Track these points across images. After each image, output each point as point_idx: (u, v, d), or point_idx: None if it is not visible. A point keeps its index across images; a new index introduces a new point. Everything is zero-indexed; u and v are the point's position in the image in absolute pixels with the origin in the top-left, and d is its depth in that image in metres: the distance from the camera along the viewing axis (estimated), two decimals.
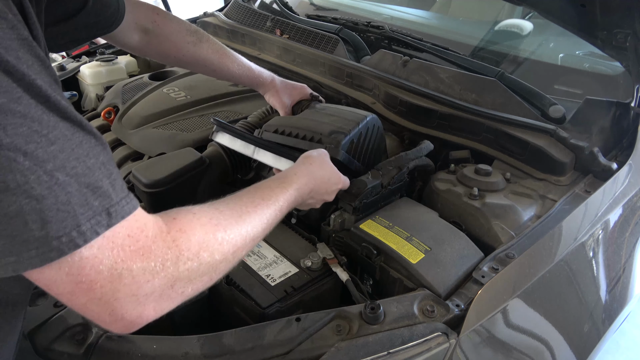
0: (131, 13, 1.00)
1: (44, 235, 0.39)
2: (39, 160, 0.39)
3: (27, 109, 0.39)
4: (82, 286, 0.43)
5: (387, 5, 2.12)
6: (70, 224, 0.40)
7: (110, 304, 0.44)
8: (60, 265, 0.41)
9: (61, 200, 0.40)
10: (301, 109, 1.24)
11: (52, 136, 0.40)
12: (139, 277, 0.45)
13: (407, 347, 0.68)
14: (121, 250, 0.44)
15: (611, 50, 1.19)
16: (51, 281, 0.42)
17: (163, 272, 0.47)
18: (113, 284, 0.44)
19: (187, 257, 0.49)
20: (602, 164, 1.06)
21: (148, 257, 0.46)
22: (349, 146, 1.00)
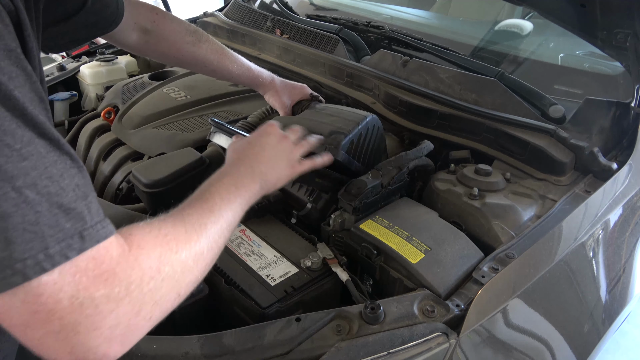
0: (130, 13, 1.00)
1: (6, 256, 0.36)
2: (8, 176, 0.36)
3: (0, 121, 0.36)
4: (38, 316, 0.38)
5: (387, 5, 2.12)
6: (38, 245, 0.37)
7: (69, 340, 0.39)
8: (15, 292, 0.36)
9: (28, 219, 0.36)
10: (301, 109, 1.24)
11: (25, 152, 0.37)
12: (102, 307, 0.40)
13: (407, 347, 0.68)
14: (84, 275, 0.39)
15: (611, 50, 1.19)
16: (4, 310, 0.37)
17: (128, 298, 0.42)
18: (73, 315, 0.38)
19: (149, 276, 0.45)
20: (602, 164, 1.06)
21: (112, 283, 0.41)
22: (348, 146, 1.00)
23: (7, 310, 0.37)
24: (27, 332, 0.39)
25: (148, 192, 1.08)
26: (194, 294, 0.84)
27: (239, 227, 1.01)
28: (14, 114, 0.38)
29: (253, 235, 0.99)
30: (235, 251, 0.93)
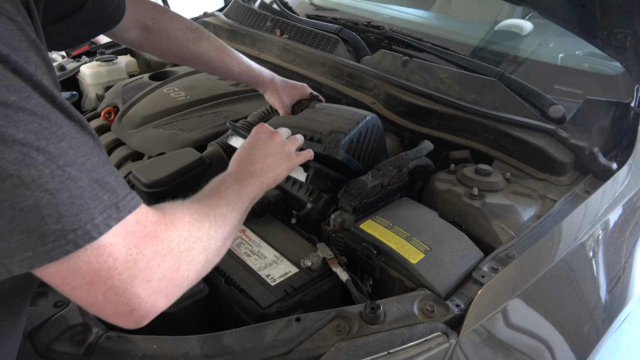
0: (132, 10, 1.00)
1: (60, 228, 0.40)
2: (51, 156, 0.39)
3: (36, 107, 0.40)
4: (100, 275, 0.43)
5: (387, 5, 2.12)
6: (85, 217, 0.41)
7: (127, 292, 0.45)
8: (79, 256, 0.42)
9: (74, 194, 0.41)
10: (301, 108, 1.24)
11: (60, 133, 0.41)
12: (151, 261, 0.47)
13: (407, 347, 0.68)
14: (133, 237, 0.45)
15: (611, 50, 1.19)
16: (69, 274, 0.42)
17: (170, 254, 0.49)
18: (130, 270, 0.45)
19: (184, 237, 0.52)
20: (602, 164, 1.06)
21: (156, 241, 0.48)
22: (348, 145, 1.00)
23: (73, 274, 0.42)
24: (91, 290, 0.44)
25: (148, 192, 1.08)
26: (194, 294, 0.85)
27: None
28: (46, 99, 0.41)
29: (253, 235, 0.99)
30: (235, 251, 0.93)
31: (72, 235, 0.40)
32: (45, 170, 0.39)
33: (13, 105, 0.38)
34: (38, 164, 0.39)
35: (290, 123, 1.07)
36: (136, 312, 0.47)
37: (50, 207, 0.39)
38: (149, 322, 0.50)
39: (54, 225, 0.40)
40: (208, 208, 0.61)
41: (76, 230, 0.41)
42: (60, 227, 0.40)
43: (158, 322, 0.82)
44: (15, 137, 0.37)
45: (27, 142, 0.38)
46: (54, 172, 0.39)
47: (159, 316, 0.81)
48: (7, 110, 0.38)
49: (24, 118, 0.38)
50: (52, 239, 0.40)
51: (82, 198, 0.41)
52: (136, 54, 1.95)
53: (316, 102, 1.25)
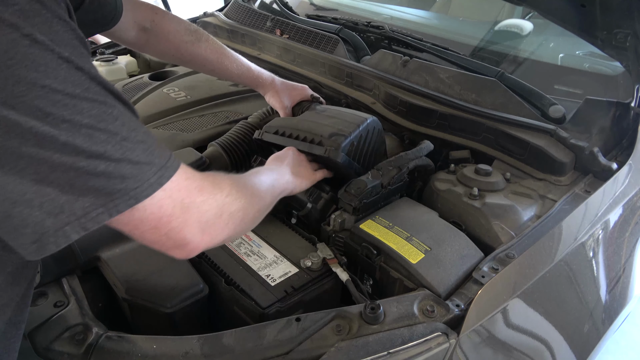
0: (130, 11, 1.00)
1: (124, 187, 0.49)
2: (111, 133, 0.49)
3: (95, 95, 0.48)
4: (162, 220, 0.54)
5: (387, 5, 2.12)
6: (142, 177, 0.51)
7: (183, 231, 0.57)
8: (145, 208, 0.52)
9: (133, 161, 0.50)
10: (301, 110, 1.24)
11: (114, 114, 0.50)
12: (200, 208, 0.58)
13: (407, 347, 0.68)
14: (184, 190, 0.56)
15: (611, 50, 1.19)
16: (138, 222, 0.53)
17: (215, 203, 0.60)
18: (184, 215, 0.56)
19: (225, 193, 0.63)
20: (602, 164, 1.06)
21: (203, 192, 0.59)
22: (349, 148, 1.00)
23: (142, 221, 0.53)
24: (156, 232, 0.55)
25: None
26: (194, 294, 0.85)
27: None
28: (100, 87, 0.49)
29: (253, 235, 0.99)
30: (235, 251, 0.93)
31: (133, 192, 0.50)
32: (108, 146, 0.48)
33: (78, 96, 0.47)
34: (102, 141, 0.48)
35: (291, 125, 1.07)
36: (189, 245, 0.58)
37: (115, 172, 0.49)
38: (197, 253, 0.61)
39: (119, 185, 0.49)
40: (246, 181, 0.74)
41: (136, 188, 0.50)
42: (124, 186, 0.49)
43: (158, 322, 0.83)
44: (82, 122, 0.46)
45: (91, 125, 0.47)
46: (115, 146, 0.49)
47: (159, 316, 0.81)
48: (74, 101, 0.46)
49: (87, 106, 0.47)
50: (118, 196, 0.49)
51: (139, 163, 0.51)
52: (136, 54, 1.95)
53: (317, 104, 1.25)
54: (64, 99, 0.45)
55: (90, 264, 0.91)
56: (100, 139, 0.48)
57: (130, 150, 0.50)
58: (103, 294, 0.90)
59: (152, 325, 0.84)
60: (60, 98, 0.45)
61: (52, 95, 0.45)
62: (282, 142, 1.06)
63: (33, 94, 0.43)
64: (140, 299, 0.83)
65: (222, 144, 1.23)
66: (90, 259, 0.91)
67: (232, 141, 1.23)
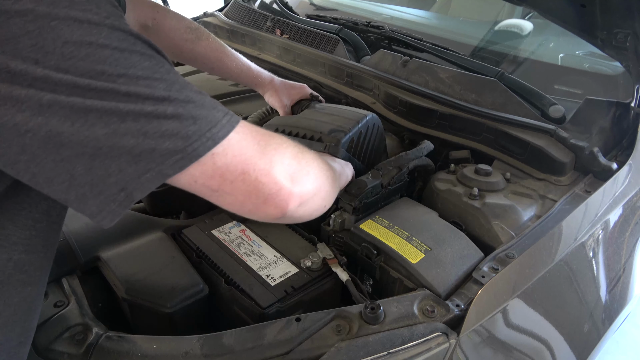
0: (132, 11, 1.01)
1: (197, 129, 0.48)
2: (169, 82, 0.48)
3: (143, 49, 0.48)
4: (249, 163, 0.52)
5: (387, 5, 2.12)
6: (213, 119, 0.50)
7: (273, 171, 0.54)
8: (227, 151, 0.51)
9: (198, 104, 0.49)
10: (301, 108, 1.24)
11: (167, 67, 0.50)
12: (277, 149, 0.56)
13: (407, 347, 0.68)
14: (256, 133, 0.55)
15: (611, 50, 1.19)
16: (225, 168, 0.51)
17: (288, 149, 0.58)
18: (266, 154, 0.54)
19: (293, 144, 0.61)
20: (602, 164, 1.06)
21: (272, 140, 0.57)
22: (349, 145, 1.00)
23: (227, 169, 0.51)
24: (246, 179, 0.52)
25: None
26: (194, 294, 0.85)
27: (239, 227, 1.01)
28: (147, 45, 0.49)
29: (253, 235, 0.99)
30: (235, 251, 0.93)
31: (209, 133, 0.49)
32: (171, 91, 0.48)
33: (127, 50, 0.46)
34: (163, 88, 0.47)
35: (291, 123, 1.07)
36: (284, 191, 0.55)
37: (185, 113, 0.48)
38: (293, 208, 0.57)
39: (193, 127, 0.48)
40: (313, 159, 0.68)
41: (211, 129, 0.49)
42: (197, 127, 0.48)
43: (158, 322, 0.83)
44: (137, 74, 0.46)
45: (147, 76, 0.47)
46: (177, 91, 0.48)
47: (159, 316, 0.81)
48: (124, 54, 0.46)
49: (137, 59, 0.47)
50: (195, 138, 0.48)
51: (204, 107, 0.50)
52: None
53: (316, 103, 1.25)
54: (113, 53, 0.45)
55: (90, 264, 0.91)
56: (161, 87, 0.47)
57: (194, 94, 0.50)
58: (103, 294, 0.90)
59: (152, 325, 0.84)
60: (110, 53, 0.45)
61: (101, 52, 0.44)
62: None
63: (82, 52, 0.43)
64: (140, 299, 0.83)
65: None
66: (90, 259, 0.91)
67: None
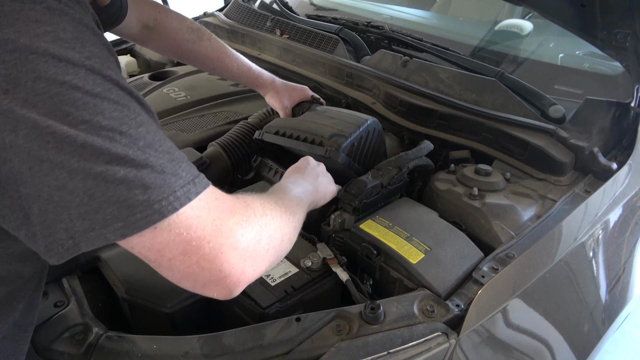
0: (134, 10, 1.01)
1: (146, 199, 0.44)
2: (133, 138, 0.45)
3: (118, 98, 0.46)
4: (192, 244, 0.47)
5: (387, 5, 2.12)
6: (167, 190, 0.46)
7: (219, 258, 0.49)
8: (171, 227, 0.46)
9: (157, 169, 0.46)
10: (302, 110, 1.24)
11: (139, 120, 0.47)
12: (235, 231, 0.51)
13: (407, 347, 0.68)
14: (215, 209, 0.50)
15: (611, 50, 1.19)
16: (164, 245, 0.47)
17: (250, 226, 0.53)
18: (217, 238, 0.49)
19: (260, 214, 0.56)
20: (602, 164, 1.06)
21: (235, 213, 0.52)
22: (349, 149, 1.00)
23: (168, 244, 0.47)
24: (186, 260, 0.48)
25: None
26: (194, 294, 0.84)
27: None
28: (125, 92, 0.48)
29: None
30: None
31: (157, 205, 0.45)
32: (129, 150, 0.44)
33: (99, 95, 0.44)
34: (123, 145, 0.44)
35: (292, 125, 1.07)
36: (229, 279, 0.51)
37: (137, 180, 0.44)
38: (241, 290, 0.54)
39: (141, 196, 0.44)
40: (276, 199, 0.66)
41: (161, 201, 0.45)
42: (146, 198, 0.44)
43: (158, 322, 0.83)
44: (102, 124, 0.44)
45: (111, 127, 0.44)
46: (137, 151, 0.45)
47: (159, 316, 0.81)
48: (95, 100, 0.44)
49: (109, 107, 0.45)
50: (140, 209, 0.44)
51: (164, 173, 0.46)
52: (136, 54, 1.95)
53: (317, 105, 1.25)
54: (84, 97, 0.43)
55: (90, 264, 0.91)
56: (122, 142, 0.44)
57: (155, 158, 0.46)
58: (103, 294, 0.90)
59: (152, 325, 0.84)
60: (80, 96, 0.43)
61: (71, 93, 0.43)
62: (282, 143, 1.06)
63: (53, 91, 0.42)
64: (140, 299, 0.83)
65: (222, 144, 1.23)
66: (90, 259, 0.91)
67: (233, 141, 1.23)
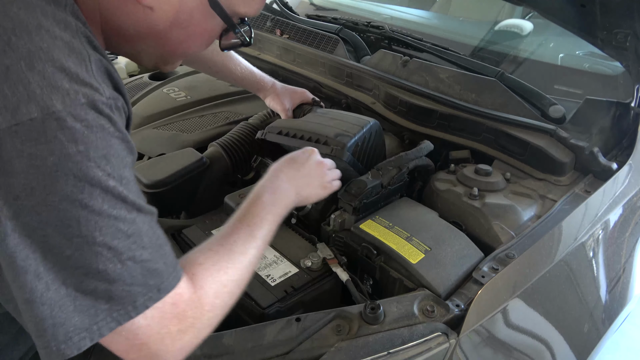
0: None
1: (107, 308, 0.49)
2: (118, 252, 0.48)
3: (119, 213, 0.49)
4: (135, 347, 0.52)
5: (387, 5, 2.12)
6: (129, 300, 0.49)
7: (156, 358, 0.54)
8: (121, 332, 0.50)
9: (127, 282, 0.49)
10: (303, 112, 1.24)
11: (130, 231, 0.50)
12: (176, 337, 0.55)
13: (407, 347, 0.68)
14: (165, 318, 0.53)
15: (611, 50, 1.19)
16: (112, 342, 0.52)
17: (192, 330, 0.56)
18: (158, 345, 0.53)
19: (208, 311, 0.58)
20: (602, 164, 1.06)
21: (183, 320, 0.55)
22: (353, 149, 1.01)
23: (116, 343, 0.52)
24: (127, 356, 0.53)
25: (149, 193, 1.08)
26: None
27: None
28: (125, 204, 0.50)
29: None
30: None
31: (115, 314, 0.49)
32: (109, 265, 0.48)
33: (103, 213, 0.47)
34: (106, 260, 0.48)
35: (295, 126, 1.07)
36: None
37: (105, 293, 0.48)
38: None
39: (104, 305, 0.49)
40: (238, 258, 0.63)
41: (119, 310, 0.49)
42: (108, 307, 0.49)
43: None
44: (97, 240, 0.47)
45: (103, 243, 0.47)
46: (116, 266, 0.48)
47: None
48: (97, 217, 0.47)
49: (108, 223, 0.48)
50: (101, 317, 0.49)
51: (132, 285, 0.50)
52: None
53: (317, 107, 1.25)
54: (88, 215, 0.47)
55: None
56: (106, 257, 0.48)
57: (129, 272, 0.49)
58: None
59: None
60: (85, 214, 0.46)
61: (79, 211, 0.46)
62: (286, 142, 1.06)
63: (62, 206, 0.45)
64: None
65: (222, 144, 1.23)
66: None
67: (233, 142, 1.23)
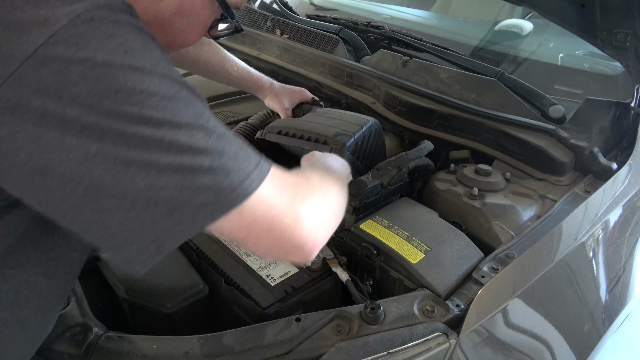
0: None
1: (230, 182, 0.49)
2: (209, 131, 0.50)
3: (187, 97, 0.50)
4: (276, 218, 0.53)
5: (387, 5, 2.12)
6: (245, 172, 0.51)
7: (297, 228, 0.55)
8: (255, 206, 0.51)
9: (232, 156, 0.51)
10: (302, 112, 1.24)
11: (206, 114, 0.51)
12: (306, 201, 0.57)
13: (407, 347, 0.68)
14: (283, 186, 0.55)
15: (611, 50, 1.19)
16: (251, 223, 0.52)
17: (314, 196, 0.59)
18: (294, 210, 0.55)
19: (319, 186, 0.62)
20: (602, 164, 1.06)
21: (299, 187, 0.58)
22: (353, 148, 1.01)
23: (255, 221, 0.52)
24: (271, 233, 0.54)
25: None
26: (194, 294, 0.85)
27: None
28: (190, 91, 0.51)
29: None
30: (235, 251, 0.93)
31: (239, 188, 0.50)
32: (209, 142, 0.49)
33: (174, 97, 0.48)
34: (202, 137, 0.49)
35: (295, 125, 1.07)
36: (307, 245, 0.57)
37: (219, 167, 0.49)
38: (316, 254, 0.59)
39: (225, 181, 0.49)
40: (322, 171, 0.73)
41: (242, 183, 0.50)
42: (229, 181, 0.49)
43: (158, 322, 0.83)
44: (182, 122, 0.48)
45: (190, 124, 0.48)
46: (214, 142, 0.50)
47: (159, 316, 0.81)
48: (171, 102, 0.48)
49: (183, 107, 0.49)
50: (226, 192, 0.49)
51: (237, 159, 0.51)
52: None
53: (317, 107, 1.25)
54: (162, 101, 0.47)
55: (90, 264, 0.91)
56: (200, 136, 0.49)
57: (228, 146, 0.51)
58: (103, 294, 0.90)
59: (152, 325, 0.84)
60: (158, 101, 0.47)
61: (150, 99, 0.47)
62: (286, 142, 1.06)
63: (134, 99, 0.46)
64: (140, 299, 0.83)
65: None
66: (91, 259, 0.91)
67: None
